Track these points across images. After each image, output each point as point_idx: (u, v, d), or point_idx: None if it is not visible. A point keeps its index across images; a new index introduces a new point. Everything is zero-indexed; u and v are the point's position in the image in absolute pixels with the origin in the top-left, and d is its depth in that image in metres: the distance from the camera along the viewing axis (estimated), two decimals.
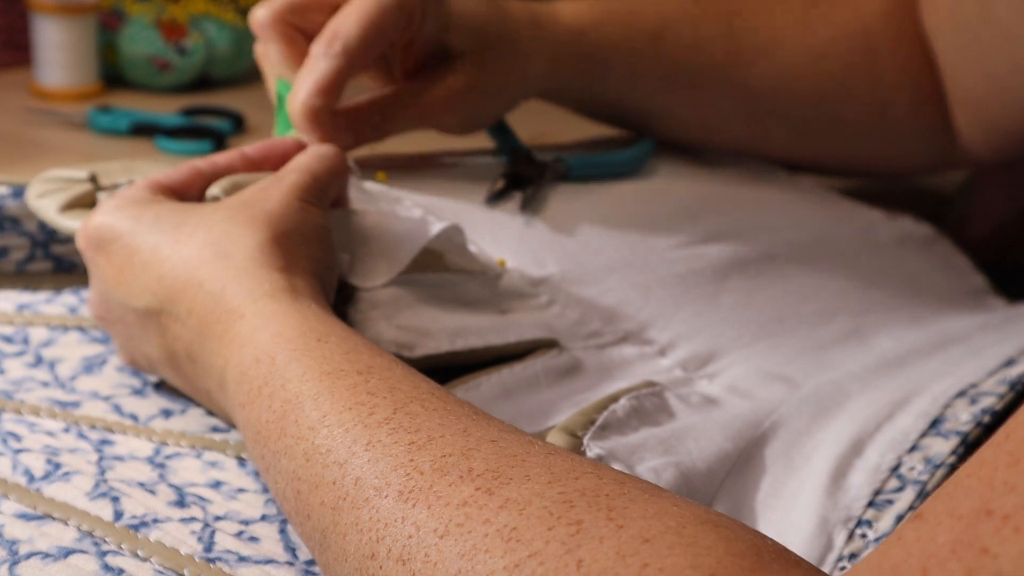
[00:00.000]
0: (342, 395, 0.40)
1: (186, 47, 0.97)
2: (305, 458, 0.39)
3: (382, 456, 0.37)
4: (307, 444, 0.39)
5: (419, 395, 0.40)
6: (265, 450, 0.41)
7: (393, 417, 0.38)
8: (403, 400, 0.39)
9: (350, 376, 0.41)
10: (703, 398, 0.52)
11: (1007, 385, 0.51)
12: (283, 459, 0.40)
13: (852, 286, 0.65)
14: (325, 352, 0.42)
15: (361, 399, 0.39)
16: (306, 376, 0.41)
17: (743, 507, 0.45)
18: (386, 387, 0.40)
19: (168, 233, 0.48)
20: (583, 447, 0.44)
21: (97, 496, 0.44)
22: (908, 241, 0.73)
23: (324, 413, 0.39)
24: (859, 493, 0.45)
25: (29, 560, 0.40)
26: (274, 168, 0.56)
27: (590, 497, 0.33)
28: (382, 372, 0.41)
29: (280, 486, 0.41)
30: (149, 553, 0.41)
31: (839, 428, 0.49)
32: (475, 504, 0.34)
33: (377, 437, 0.37)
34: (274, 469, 0.41)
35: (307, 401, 0.40)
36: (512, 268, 0.58)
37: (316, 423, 0.39)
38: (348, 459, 0.37)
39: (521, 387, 0.50)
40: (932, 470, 0.45)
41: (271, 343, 0.43)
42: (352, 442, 0.38)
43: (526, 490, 0.34)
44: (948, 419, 0.49)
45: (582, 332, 0.56)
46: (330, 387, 0.40)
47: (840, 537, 0.43)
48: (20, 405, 0.50)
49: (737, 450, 0.47)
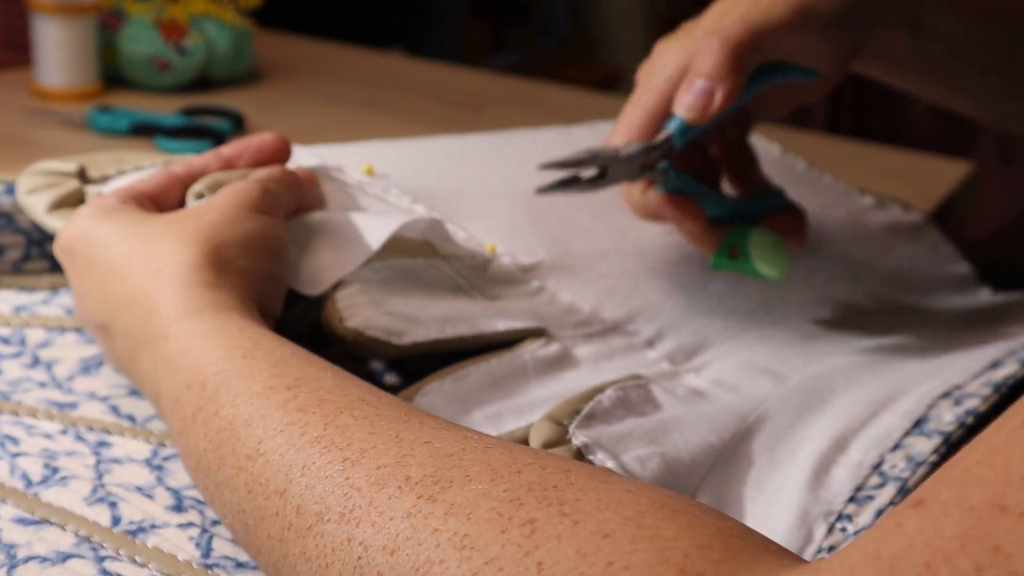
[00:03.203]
0: (273, 417, 0.39)
1: (186, 47, 0.97)
2: (247, 489, 0.38)
3: (318, 479, 0.36)
4: (247, 475, 0.38)
5: (349, 404, 0.39)
6: (208, 480, 0.41)
7: (324, 435, 0.38)
8: (333, 412, 0.39)
9: (279, 392, 0.40)
10: (689, 391, 0.52)
11: (992, 388, 0.51)
12: (225, 491, 0.40)
13: (839, 276, 0.66)
14: (253, 370, 0.42)
15: (292, 418, 0.39)
16: (237, 400, 0.40)
17: (726, 499, 0.45)
18: (315, 400, 0.39)
19: (121, 247, 0.49)
20: (569, 435, 0.44)
21: (95, 501, 0.44)
22: (896, 229, 0.73)
23: (259, 440, 0.39)
24: (840, 488, 0.45)
25: (27, 564, 0.40)
26: (249, 164, 0.56)
27: (538, 492, 0.32)
28: (311, 383, 0.41)
29: (228, 519, 0.40)
30: (147, 559, 0.42)
31: (824, 425, 0.49)
32: (420, 514, 0.33)
33: (311, 459, 0.37)
34: (219, 500, 0.40)
35: (241, 428, 0.40)
36: (502, 253, 0.58)
37: (252, 451, 0.39)
38: (287, 487, 0.37)
39: (509, 377, 0.50)
40: (914, 468, 0.46)
41: (198, 367, 0.43)
42: (288, 468, 0.37)
43: (470, 492, 0.33)
44: (932, 419, 0.49)
45: (571, 321, 0.56)
46: (261, 409, 0.40)
47: (820, 530, 0.43)
48: (17, 406, 0.50)
49: (722, 443, 0.47)
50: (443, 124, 0.95)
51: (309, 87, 1.03)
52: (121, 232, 0.49)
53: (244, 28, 1.01)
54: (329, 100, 1.00)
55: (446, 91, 1.05)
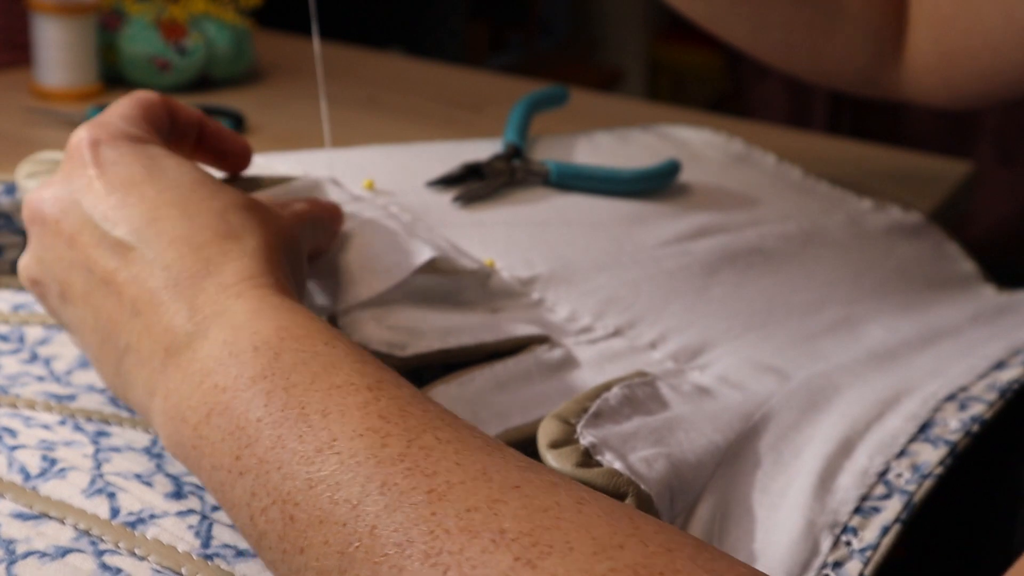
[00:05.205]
0: (353, 416, 0.36)
1: (186, 47, 0.97)
2: (307, 484, 0.35)
3: (399, 504, 0.33)
4: (311, 468, 0.36)
5: (431, 423, 0.37)
6: (247, 450, 0.37)
7: (408, 453, 0.35)
8: (416, 429, 0.36)
9: (361, 392, 0.37)
10: (695, 388, 0.52)
11: (997, 392, 0.51)
12: (273, 472, 0.36)
13: (842, 275, 0.66)
14: (334, 359, 0.39)
15: (373, 424, 0.36)
16: (314, 385, 0.38)
17: (732, 501, 0.45)
18: (397, 410, 0.37)
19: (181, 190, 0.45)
20: (576, 435, 0.44)
21: (93, 493, 0.44)
22: (897, 229, 0.73)
23: (334, 436, 0.36)
24: (846, 497, 0.45)
25: (26, 560, 0.40)
26: (204, 147, 0.53)
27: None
28: (391, 390, 0.38)
29: (260, 500, 0.37)
30: (147, 551, 0.41)
31: (828, 426, 0.49)
32: None
33: (392, 479, 0.34)
34: (254, 475, 0.37)
35: (314, 416, 0.37)
36: (501, 268, 0.58)
37: (324, 446, 0.36)
38: (361, 500, 0.34)
39: (514, 380, 0.50)
40: (920, 480, 0.45)
41: (274, 335, 0.39)
42: (366, 480, 0.34)
43: (572, 565, 0.31)
44: (937, 423, 0.49)
45: (573, 328, 0.56)
46: (340, 404, 0.37)
47: (826, 543, 0.43)
48: (16, 399, 0.50)
49: (727, 442, 0.47)
50: (443, 124, 0.95)
51: (309, 87, 1.03)
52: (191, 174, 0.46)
53: (244, 28, 1.02)
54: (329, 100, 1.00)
55: (446, 91, 1.05)
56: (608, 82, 2.34)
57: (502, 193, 0.66)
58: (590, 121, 0.88)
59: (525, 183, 0.68)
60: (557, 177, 0.68)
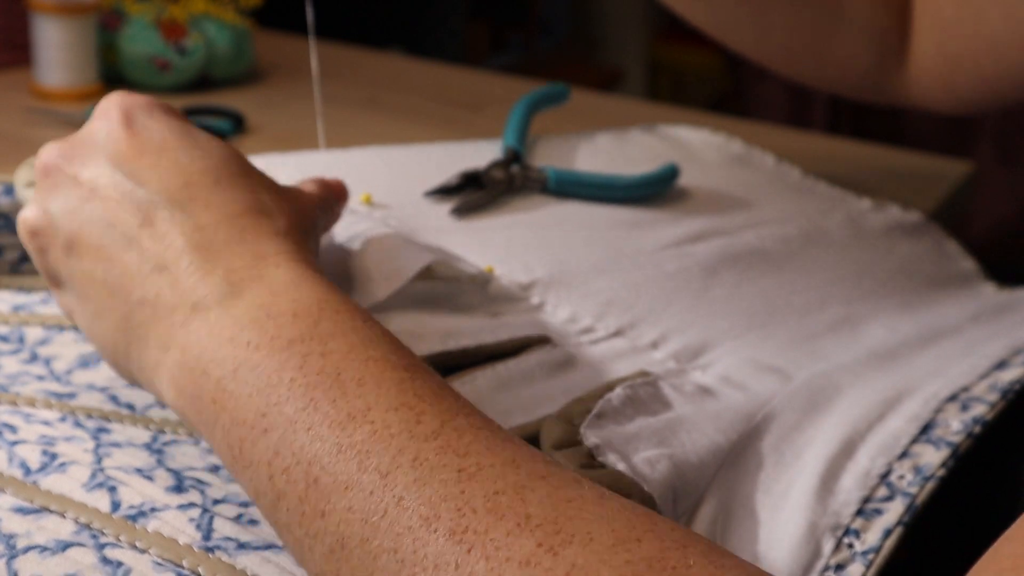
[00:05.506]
0: (390, 390, 0.36)
1: (186, 47, 0.97)
2: (337, 449, 0.35)
3: (429, 479, 0.34)
4: (342, 433, 0.35)
5: (463, 408, 0.37)
6: (275, 408, 0.37)
7: (441, 432, 0.35)
8: (450, 412, 0.36)
9: (397, 370, 0.37)
10: (697, 388, 0.52)
11: (998, 392, 0.51)
12: (302, 432, 0.36)
13: (842, 275, 0.66)
14: (371, 335, 0.39)
15: (408, 400, 0.36)
16: (352, 355, 0.37)
17: (734, 502, 0.45)
18: (431, 391, 0.37)
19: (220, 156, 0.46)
20: (579, 435, 0.44)
21: (94, 487, 0.44)
22: (896, 229, 0.73)
23: (368, 405, 0.36)
24: (848, 498, 0.45)
25: (27, 554, 0.40)
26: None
27: (657, 571, 0.31)
28: (424, 374, 0.38)
29: (284, 459, 0.36)
30: (147, 544, 0.41)
31: (830, 426, 0.49)
32: (539, 566, 0.31)
33: (425, 454, 0.34)
34: (280, 433, 0.37)
35: (350, 384, 0.37)
36: (500, 274, 0.58)
37: (357, 413, 0.36)
38: (391, 470, 0.34)
39: (516, 380, 0.50)
40: (922, 482, 0.45)
41: (313, 302, 0.39)
42: (397, 452, 0.34)
43: (592, 555, 0.31)
44: (939, 424, 0.49)
45: (574, 329, 0.56)
46: (377, 376, 0.37)
47: (828, 545, 0.43)
48: (16, 397, 0.50)
49: (729, 443, 0.47)
50: (443, 124, 0.95)
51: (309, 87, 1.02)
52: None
53: (244, 28, 1.02)
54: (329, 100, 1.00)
55: (446, 91, 1.05)
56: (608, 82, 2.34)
57: (501, 201, 0.66)
58: (590, 121, 0.88)
59: (524, 190, 0.68)
60: (556, 184, 0.68)
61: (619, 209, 0.68)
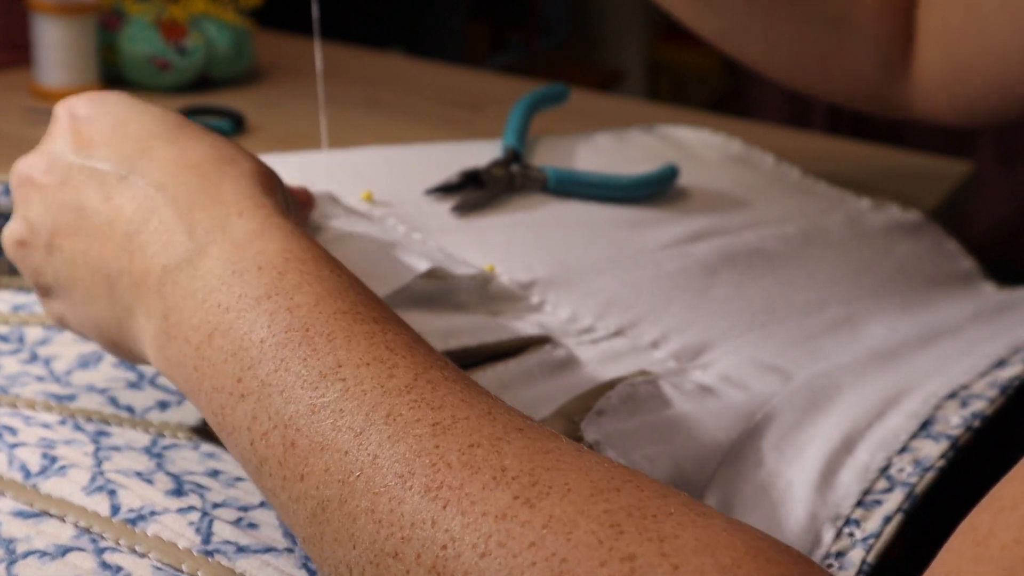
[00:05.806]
0: (359, 344, 0.36)
1: (186, 47, 0.97)
2: (310, 409, 0.35)
3: (403, 435, 0.33)
4: (314, 394, 0.35)
5: (436, 361, 0.36)
6: (249, 372, 0.36)
7: (414, 385, 0.34)
8: (423, 364, 0.36)
9: (367, 323, 0.37)
10: (697, 386, 0.52)
11: (998, 389, 0.51)
12: (276, 395, 0.36)
13: (842, 275, 0.66)
14: (339, 285, 0.38)
15: (380, 354, 0.35)
16: (319, 307, 0.37)
17: (734, 499, 0.45)
18: (404, 344, 0.36)
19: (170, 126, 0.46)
20: (580, 432, 0.44)
21: (94, 490, 0.44)
22: (896, 228, 0.73)
23: (339, 362, 0.35)
24: (848, 492, 0.45)
25: (27, 559, 0.40)
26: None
27: (637, 519, 0.30)
28: (395, 326, 0.37)
29: (262, 424, 0.36)
30: (147, 548, 0.41)
31: (830, 424, 0.49)
32: (516, 519, 0.31)
33: (398, 408, 0.34)
34: (256, 398, 0.36)
35: (319, 340, 0.36)
36: (500, 273, 0.58)
37: (328, 371, 0.35)
38: (365, 429, 0.33)
39: (517, 381, 0.50)
40: (921, 473, 0.46)
41: (278, 255, 0.39)
42: (370, 409, 0.34)
43: (569, 505, 0.31)
44: (938, 420, 0.49)
45: (574, 329, 0.56)
46: (346, 329, 0.36)
47: (828, 534, 0.43)
48: (15, 399, 0.50)
49: (729, 441, 0.47)
50: (443, 124, 0.95)
51: (309, 87, 1.02)
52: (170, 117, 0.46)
53: (244, 28, 1.02)
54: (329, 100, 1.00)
55: (446, 91, 1.05)
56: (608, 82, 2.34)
57: (501, 200, 0.66)
58: (590, 121, 0.88)
59: (524, 189, 0.68)
60: (555, 183, 0.68)
61: (619, 209, 0.68)
